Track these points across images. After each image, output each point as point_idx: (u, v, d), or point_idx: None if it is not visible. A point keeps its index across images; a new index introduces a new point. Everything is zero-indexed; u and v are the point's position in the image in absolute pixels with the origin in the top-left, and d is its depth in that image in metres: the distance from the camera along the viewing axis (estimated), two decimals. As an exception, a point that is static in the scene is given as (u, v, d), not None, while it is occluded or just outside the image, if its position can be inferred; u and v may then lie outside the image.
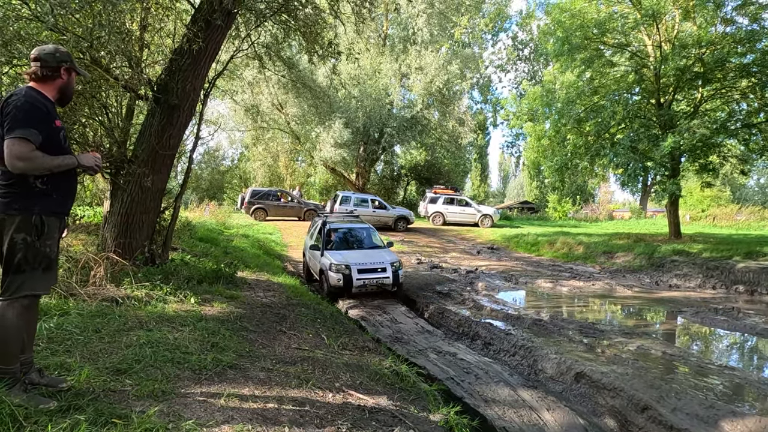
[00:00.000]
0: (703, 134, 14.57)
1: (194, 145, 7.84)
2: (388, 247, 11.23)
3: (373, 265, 9.87)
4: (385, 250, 10.93)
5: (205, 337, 4.38)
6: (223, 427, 2.74)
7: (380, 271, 9.81)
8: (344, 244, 10.96)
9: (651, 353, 7.31)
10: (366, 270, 9.73)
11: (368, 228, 11.87)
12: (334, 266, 9.60)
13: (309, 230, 12.81)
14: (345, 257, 9.92)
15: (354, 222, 12.23)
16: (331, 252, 10.22)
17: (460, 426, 3.81)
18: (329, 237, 10.80)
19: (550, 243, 20.00)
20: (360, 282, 9.62)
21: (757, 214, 29.38)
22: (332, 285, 9.58)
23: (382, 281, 9.81)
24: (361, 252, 10.64)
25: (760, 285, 12.86)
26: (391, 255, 10.56)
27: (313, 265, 11.07)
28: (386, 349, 5.69)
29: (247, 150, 36.23)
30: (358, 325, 7.56)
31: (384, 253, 10.67)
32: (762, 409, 5.30)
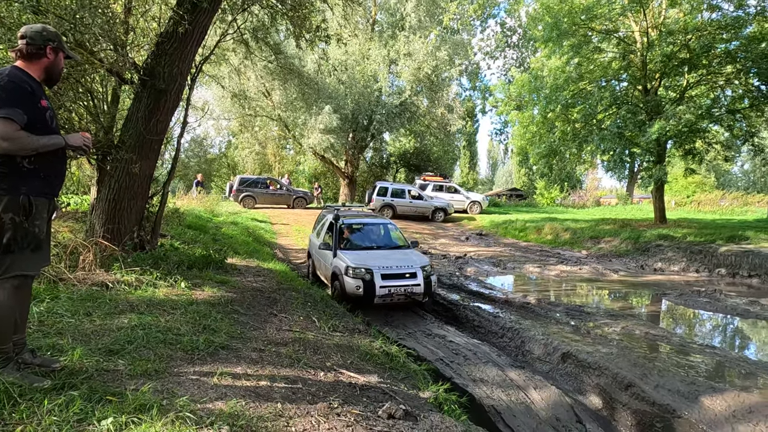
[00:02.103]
0: (688, 120, 14.74)
1: (182, 130, 7.78)
2: (412, 247, 9.52)
3: (399, 269, 8.03)
4: (411, 251, 9.20)
5: (196, 320, 4.41)
6: (217, 403, 2.78)
7: (408, 277, 7.97)
8: (361, 243, 9.23)
9: (635, 334, 7.47)
10: (392, 275, 7.90)
11: (388, 223, 10.16)
12: (351, 270, 7.78)
13: (315, 227, 10.94)
14: (364, 259, 8.14)
15: (370, 217, 10.68)
16: (346, 252, 8.44)
17: (449, 403, 3.89)
18: (342, 234, 9.09)
19: (537, 229, 20.19)
20: (384, 291, 7.72)
21: (740, 199, 29.88)
22: (349, 293, 7.70)
23: (411, 290, 7.88)
24: (382, 253, 8.85)
25: (742, 268, 13.16)
26: (419, 257, 8.88)
27: (322, 267, 9.35)
28: (376, 331, 5.76)
29: (235, 138, 35.92)
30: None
31: (411, 254, 8.94)
32: (741, 386, 5.46)
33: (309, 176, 36.97)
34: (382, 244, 9.40)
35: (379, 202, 22.11)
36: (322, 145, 26.00)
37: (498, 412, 5.21)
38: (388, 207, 21.95)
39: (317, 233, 10.34)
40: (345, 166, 30.43)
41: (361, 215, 10.54)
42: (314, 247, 10.05)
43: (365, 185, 33.57)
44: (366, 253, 8.60)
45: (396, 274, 7.97)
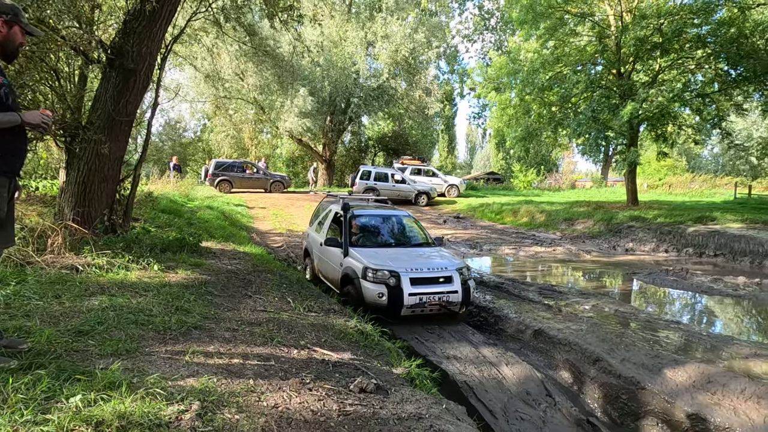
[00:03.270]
0: (660, 103, 15.02)
1: (153, 111, 7.62)
2: (437, 245, 7.96)
3: (431, 271, 6.55)
4: (440, 249, 7.75)
5: (169, 301, 4.39)
6: (188, 380, 2.80)
7: (443, 282, 6.50)
8: (376, 240, 7.76)
9: (605, 311, 7.70)
10: (422, 280, 6.41)
11: (406, 215, 8.54)
12: (371, 272, 6.30)
13: (313, 220, 9.36)
14: (384, 259, 6.65)
15: (384, 207, 8.90)
16: (360, 251, 6.92)
17: (421, 378, 3.98)
18: (352, 228, 7.51)
19: (514, 211, 20.47)
20: (414, 299, 6.24)
21: (709, 182, 30.71)
22: (369, 302, 6.24)
23: (447, 298, 6.42)
24: (405, 251, 7.32)
25: (708, 247, 13.61)
26: (452, 257, 7.44)
27: (328, 268, 7.72)
28: (351, 311, 5.81)
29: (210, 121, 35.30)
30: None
31: (440, 253, 7.49)
32: (701, 358, 5.70)
33: (286, 160, 36.63)
34: (402, 241, 7.95)
35: (362, 185, 22.09)
36: (299, 129, 25.77)
37: (470, 387, 5.34)
38: (371, 191, 21.96)
39: (318, 227, 8.70)
40: (323, 149, 30.22)
41: (372, 205, 8.94)
42: (314, 244, 8.45)
43: (343, 169, 33.47)
44: (385, 252, 7.06)
45: (428, 278, 6.45)
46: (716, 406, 4.66)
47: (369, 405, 2.93)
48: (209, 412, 2.46)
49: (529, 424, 4.96)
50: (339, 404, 2.86)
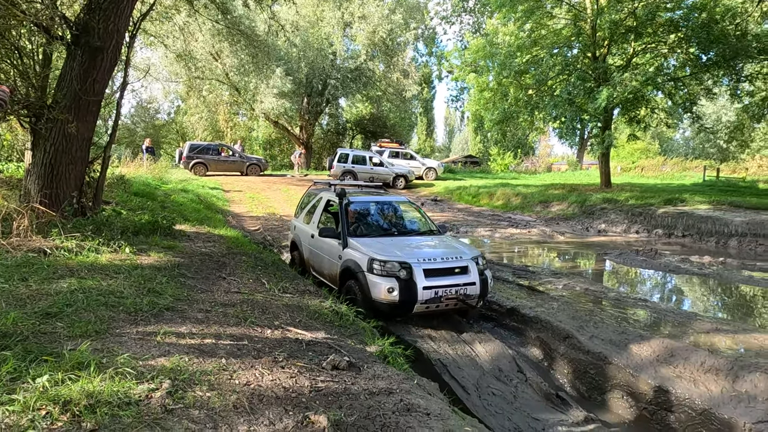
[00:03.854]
0: (633, 87, 15.25)
1: (122, 91, 7.42)
2: (443, 233, 7.34)
3: (445, 261, 5.94)
4: (448, 237, 7.18)
5: (141, 283, 4.34)
6: (160, 359, 2.80)
7: (459, 273, 5.93)
8: (376, 229, 7.11)
9: (576, 290, 7.90)
10: (437, 271, 5.80)
11: (405, 201, 8.08)
12: (378, 265, 5.66)
13: (298, 211, 8.59)
14: (391, 249, 6.00)
15: (380, 194, 8.25)
16: (361, 241, 6.24)
17: (394, 355, 4.04)
18: (349, 216, 6.81)
19: (490, 194, 20.67)
20: (429, 293, 5.66)
21: (679, 165, 31.46)
22: (377, 299, 5.62)
23: (464, 291, 5.86)
24: (411, 240, 6.71)
25: (677, 228, 14.00)
26: (465, 245, 6.98)
27: (323, 262, 7.01)
28: (327, 292, 5.83)
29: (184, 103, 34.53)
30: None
31: (451, 241, 6.88)
32: (666, 334, 5.90)
33: (263, 143, 36.15)
34: (406, 229, 7.41)
35: (340, 168, 22.00)
36: (276, 111, 25.42)
37: (444, 365, 5.45)
38: (348, 174, 21.86)
39: (306, 217, 7.97)
40: (300, 132, 29.91)
41: (366, 191, 8.30)
42: (304, 236, 7.75)
43: (321, 152, 33.22)
44: (390, 242, 6.38)
45: (443, 269, 5.85)
46: (678, 378, 4.86)
47: (341, 381, 2.97)
48: (180, 390, 2.47)
49: (500, 399, 5.10)
50: (311, 381, 2.90)
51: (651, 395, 4.88)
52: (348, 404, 2.66)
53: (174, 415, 2.26)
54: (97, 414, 2.10)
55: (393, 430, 2.43)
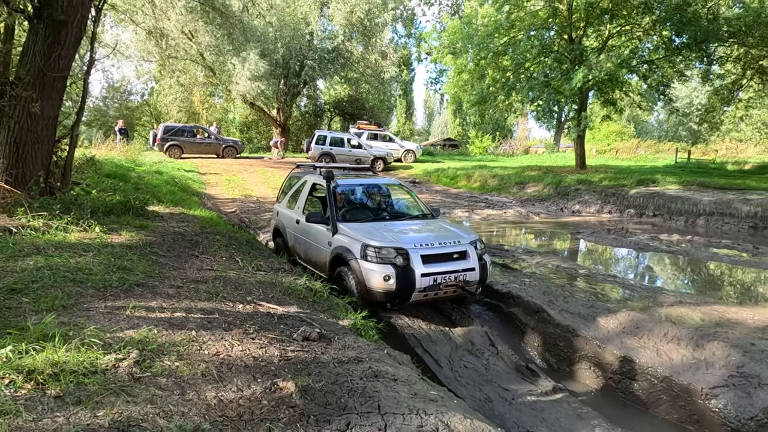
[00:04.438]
0: (608, 68, 15.43)
1: (88, 67, 7.21)
2: (437, 216, 7.00)
3: (443, 246, 5.67)
4: (444, 221, 6.93)
5: (110, 261, 4.30)
6: (128, 332, 2.80)
7: (457, 259, 5.67)
8: (367, 213, 6.76)
9: (548, 267, 8.07)
10: (435, 257, 5.53)
11: (396, 184, 7.73)
12: (373, 251, 5.36)
13: (281, 196, 8.13)
14: (384, 234, 5.71)
15: (369, 176, 8.04)
16: (352, 226, 5.94)
17: (366, 329, 4.10)
18: (337, 200, 6.45)
19: (468, 176, 20.82)
20: (428, 280, 5.39)
21: (653, 147, 32.06)
22: (373, 288, 5.32)
23: (464, 277, 5.62)
24: (405, 225, 6.51)
25: (648, 208, 14.36)
26: (462, 229, 6.69)
27: (311, 249, 6.63)
28: (301, 269, 5.85)
29: (158, 84, 33.69)
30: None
31: (447, 225, 6.58)
32: (632, 307, 6.08)
33: (239, 125, 35.60)
34: (398, 213, 7.14)
35: (318, 150, 21.85)
36: (252, 92, 24.98)
37: (417, 339, 5.55)
38: (326, 156, 21.74)
39: (290, 202, 7.58)
40: (277, 114, 29.51)
41: (354, 174, 8.06)
42: (288, 222, 7.37)
43: (299, 134, 32.88)
44: (383, 226, 6.09)
45: (441, 254, 5.58)
46: (642, 348, 5.03)
47: (311, 351, 3.02)
48: (148, 359, 2.48)
49: (472, 371, 5.22)
50: (281, 351, 2.93)
51: (616, 365, 5.06)
52: (317, 372, 2.71)
53: (141, 383, 2.27)
54: (62, 382, 2.11)
55: (360, 394, 2.49)
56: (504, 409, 4.63)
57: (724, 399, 4.18)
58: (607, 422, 4.44)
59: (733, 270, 8.32)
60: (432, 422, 2.29)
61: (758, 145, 27.50)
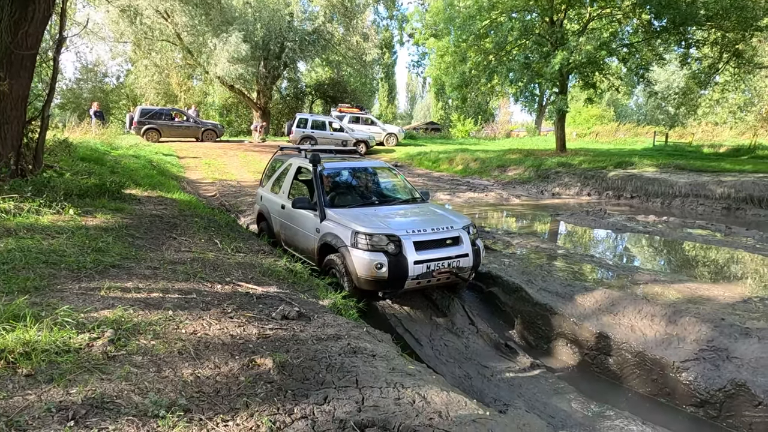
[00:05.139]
0: (588, 51, 15.50)
1: (58, 45, 6.98)
2: (427, 200, 6.86)
3: (436, 232, 5.46)
4: (434, 205, 6.76)
5: (85, 243, 4.22)
6: (102, 312, 2.76)
7: (451, 245, 5.49)
8: (356, 198, 6.56)
9: (527, 248, 8.17)
10: (428, 244, 5.34)
11: (385, 167, 7.46)
12: (363, 238, 5.15)
13: (264, 180, 7.89)
14: (375, 220, 5.53)
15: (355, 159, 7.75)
16: (341, 212, 5.75)
17: (346, 308, 4.11)
18: (324, 185, 6.19)
19: (450, 159, 20.86)
20: (421, 268, 5.21)
21: (632, 131, 32.47)
22: (363, 276, 5.11)
23: (458, 263, 5.46)
24: (395, 210, 6.30)
25: (626, 190, 14.58)
26: (454, 213, 6.45)
27: (297, 236, 6.38)
28: (282, 251, 5.82)
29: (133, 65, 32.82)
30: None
31: (437, 210, 6.42)
32: (608, 285, 6.21)
33: (219, 108, 34.99)
34: (387, 198, 6.90)
35: (299, 133, 21.64)
36: (232, 75, 24.50)
37: (398, 318, 5.60)
38: (308, 139, 21.54)
39: (274, 186, 7.32)
40: (257, 97, 29.06)
41: (340, 156, 7.72)
42: (273, 207, 7.09)
43: (280, 117, 32.47)
44: (372, 212, 5.88)
45: (433, 240, 5.39)
46: (617, 325, 5.15)
47: (290, 329, 3.02)
48: (123, 338, 2.45)
49: (452, 350, 5.30)
50: (259, 329, 2.93)
51: (592, 341, 5.17)
52: (295, 348, 2.71)
53: (116, 361, 2.25)
54: (33, 361, 2.07)
55: (338, 369, 2.50)
56: (483, 385, 4.72)
57: (695, 372, 4.31)
58: (583, 396, 4.56)
59: (706, 249, 8.53)
60: (409, 395, 2.31)
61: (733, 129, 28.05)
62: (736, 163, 16.32)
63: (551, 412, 4.23)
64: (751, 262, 7.67)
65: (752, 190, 12.58)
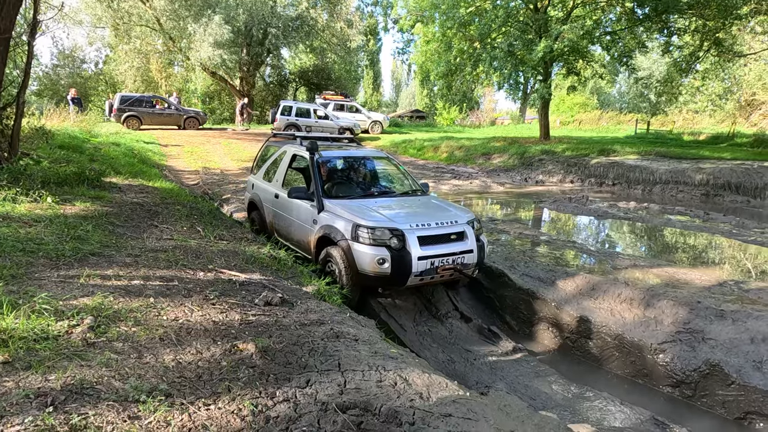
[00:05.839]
0: (570, 39, 15.56)
1: (32, 29, 6.78)
2: (427, 192, 6.60)
3: (440, 227, 5.23)
4: (437, 198, 6.51)
5: (63, 231, 4.15)
6: (82, 299, 2.73)
7: (455, 240, 5.27)
8: (355, 189, 6.30)
9: (510, 234, 8.24)
10: (432, 239, 5.11)
11: (384, 157, 7.15)
12: (365, 232, 4.92)
13: (256, 168, 7.61)
14: (376, 212, 5.29)
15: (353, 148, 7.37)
16: (339, 203, 5.47)
17: (330, 294, 4.12)
18: (321, 174, 5.99)
19: (434, 147, 20.87)
20: (425, 264, 4.96)
21: (615, 118, 32.79)
22: (365, 272, 4.91)
23: (462, 260, 5.22)
24: (396, 202, 6.04)
25: (608, 177, 14.77)
26: (457, 207, 6.10)
27: (290, 227, 6.15)
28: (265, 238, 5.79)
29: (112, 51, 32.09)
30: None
31: (441, 203, 6.16)
32: (589, 270, 6.31)
33: (201, 95, 34.46)
34: (387, 189, 6.65)
35: (283, 121, 21.45)
36: (214, 61, 24.11)
37: (382, 305, 5.62)
38: (292, 126, 21.36)
39: (267, 174, 7.04)
40: (240, 84, 28.67)
41: (337, 145, 7.41)
42: (266, 196, 6.79)
43: (263, 104, 32.11)
44: (373, 204, 5.62)
45: (438, 235, 5.16)
46: (598, 309, 5.25)
47: (273, 315, 3.02)
48: (103, 325, 2.43)
49: (436, 335, 5.35)
50: (242, 315, 2.92)
51: (573, 325, 5.27)
52: (278, 334, 2.72)
53: (96, 348, 2.23)
54: (11, 348, 2.05)
55: (320, 353, 2.52)
56: (466, 369, 4.79)
57: (671, 353, 4.42)
58: (564, 378, 4.65)
59: (684, 235, 8.70)
60: (391, 377, 2.34)
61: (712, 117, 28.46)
62: (714, 150, 16.60)
63: (532, 394, 4.32)
64: (727, 247, 7.84)
65: (730, 176, 12.83)
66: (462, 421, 2.05)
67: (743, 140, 19.83)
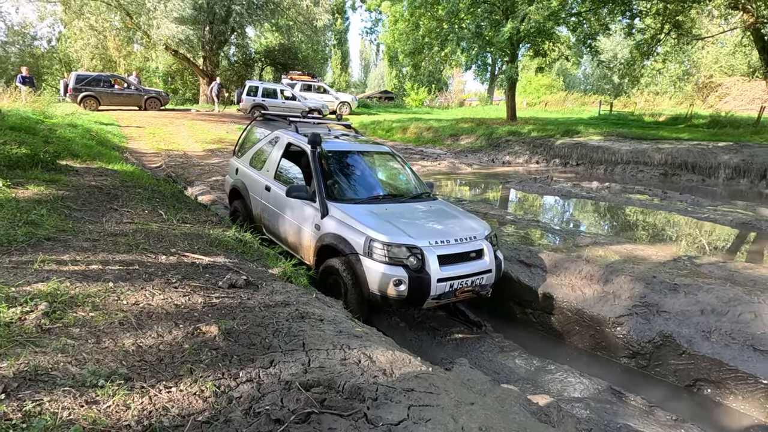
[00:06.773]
0: (536, 20, 15.67)
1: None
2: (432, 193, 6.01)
3: (459, 243, 4.62)
4: (449, 205, 5.71)
5: (15, 216, 3.99)
6: (36, 285, 2.64)
7: (474, 258, 4.70)
8: (362, 191, 5.46)
9: (477, 214, 8.36)
10: (452, 258, 4.52)
11: (388, 153, 6.35)
12: (381, 248, 4.27)
13: (241, 150, 6.89)
14: (390, 223, 4.55)
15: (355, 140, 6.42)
16: (347, 209, 4.77)
17: (297, 276, 4.11)
18: (324, 173, 5.20)
19: (403, 128, 20.86)
20: (444, 286, 4.41)
21: (579, 100, 33.41)
22: (377, 291, 4.32)
23: (481, 281, 4.71)
24: (408, 209, 5.22)
25: (572, 157, 15.09)
26: (473, 218, 5.41)
27: (283, 226, 5.50)
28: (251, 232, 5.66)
29: (66, 28, 30.60)
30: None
31: (457, 213, 5.45)
32: (552, 248, 6.48)
33: (163, 75, 33.34)
34: (395, 191, 5.85)
35: (249, 102, 21.00)
36: (175, 38, 23.32)
37: (350, 286, 5.65)
38: (258, 107, 20.93)
39: (256, 161, 6.32)
40: (203, 63, 27.85)
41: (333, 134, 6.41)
42: (254, 185, 6.13)
43: (228, 85, 31.32)
44: (384, 210, 4.90)
45: (457, 254, 4.56)
46: (559, 285, 5.40)
47: (237, 297, 3.00)
48: (58, 311, 2.37)
49: (403, 315, 5.42)
50: (205, 298, 2.89)
51: (537, 301, 5.43)
52: (242, 315, 2.70)
53: (51, 334, 2.17)
54: (-41, 336, 1.97)
55: (285, 334, 2.52)
56: (432, 347, 4.88)
57: (628, 326, 4.61)
58: (527, 353, 4.80)
59: (644, 213, 9.01)
60: (355, 355, 2.37)
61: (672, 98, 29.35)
62: (673, 131, 17.16)
63: (496, 368, 4.44)
64: (684, 224, 8.17)
65: (687, 156, 13.30)
66: (424, 395, 2.10)
67: (700, 121, 20.54)
